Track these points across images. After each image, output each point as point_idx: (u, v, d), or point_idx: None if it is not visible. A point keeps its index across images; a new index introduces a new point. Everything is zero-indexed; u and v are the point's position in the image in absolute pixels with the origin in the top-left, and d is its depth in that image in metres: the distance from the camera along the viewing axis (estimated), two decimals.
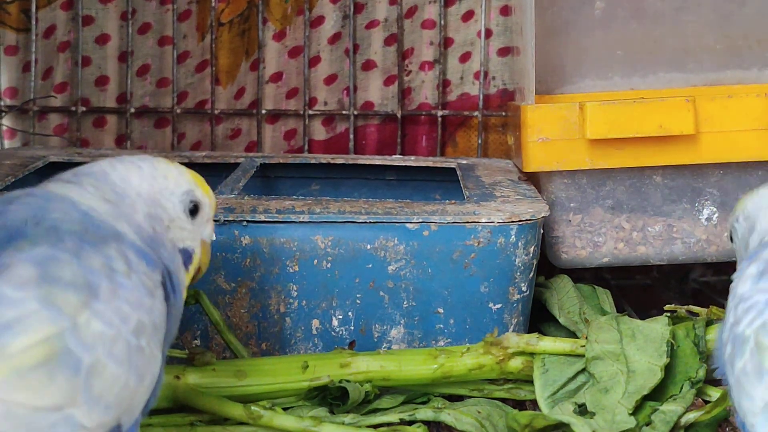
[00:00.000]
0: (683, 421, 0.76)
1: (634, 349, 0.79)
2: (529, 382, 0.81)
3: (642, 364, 0.78)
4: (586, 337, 0.82)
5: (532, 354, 0.81)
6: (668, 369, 0.79)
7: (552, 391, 0.79)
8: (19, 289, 0.54)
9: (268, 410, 0.75)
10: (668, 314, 0.82)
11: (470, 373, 0.80)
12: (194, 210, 0.68)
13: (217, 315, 0.81)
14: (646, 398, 0.77)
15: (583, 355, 0.80)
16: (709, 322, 0.82)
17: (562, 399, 0.78)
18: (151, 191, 0.66)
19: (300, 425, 0.74)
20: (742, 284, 0.64)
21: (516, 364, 0.81)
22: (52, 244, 0.57)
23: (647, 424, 0.76)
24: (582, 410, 0.77)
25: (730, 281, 0.65)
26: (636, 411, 0.76)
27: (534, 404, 0.81)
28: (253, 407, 0.75)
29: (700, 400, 0.80)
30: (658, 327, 0.81)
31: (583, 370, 0.80)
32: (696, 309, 0.85)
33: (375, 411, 0.80)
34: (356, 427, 0.76)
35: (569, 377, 0.80)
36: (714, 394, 0.79)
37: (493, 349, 0.80)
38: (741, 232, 0.70)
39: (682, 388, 0.78)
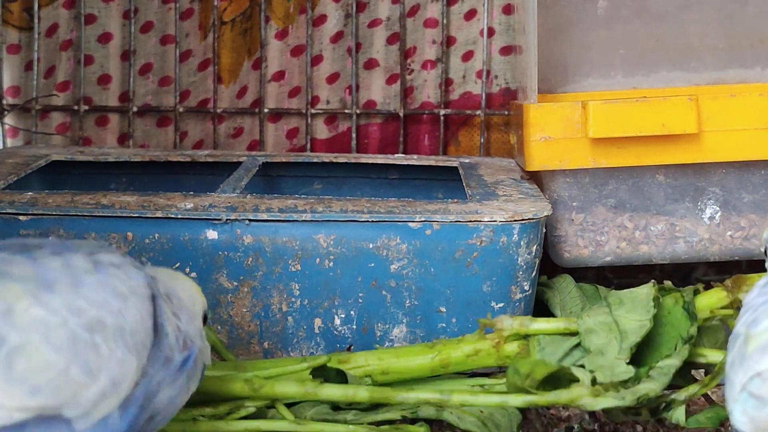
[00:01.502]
0: (683, 396, 0.76)
1: (623, 312, 0.80)
2: None
3: (632, 323, 0.79)
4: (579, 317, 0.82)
5: (527, 337, 0.81)
6: (660, 333, 0.79)
7: None
8: None
9: (268, 380, 0.75)
10: (654, 282, 0.83)
11: (468, 359, 0.81)
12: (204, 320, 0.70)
13: (213, 336, 0.81)
14: (641, 364, 0.77)
15: (576, 332, 0.80)
16: (696, 291, 0.83)
17: None
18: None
19: (302, 389, 0.74)
20: (750, 293, 0.65)
21: (512, 347, 0.81)
22: (14, 251, 0.59)
23: (647, 377, 0.76)
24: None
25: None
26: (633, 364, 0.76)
27: None
28: (254, 379, 0.74)
29: (702, 399, 0.80)
30: (643, 290, 0.82)
31: (578, 345, 0.80)
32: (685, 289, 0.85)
33: (376, 407, 0.80)
34: (356, 387, 0.76)
35: (566, 351, 0.80)
36: (709, 354, 0.79)
37: (489, 335, 0.81)
38: None
39: (676, 347, 0.78)
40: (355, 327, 0.86)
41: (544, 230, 0.88)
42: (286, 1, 1.19)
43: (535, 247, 0.86)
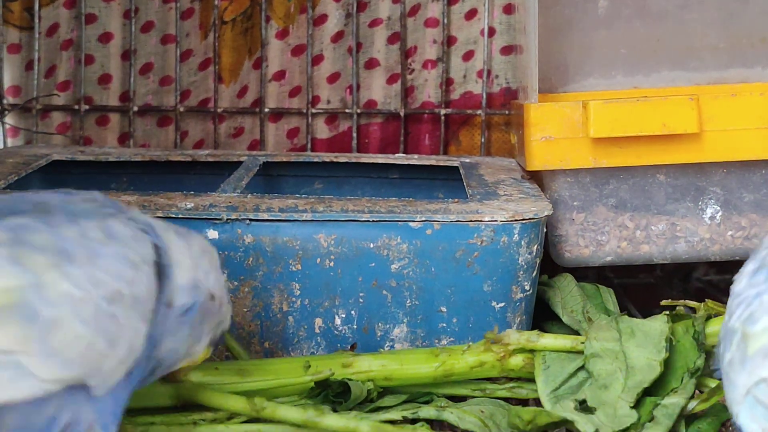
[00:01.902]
0: (685, 411, 0.76)
1: (633, 345, 0.79)
2: (531, 380, 0.81)
3: (641, 360, 0.78)
4: (586, 336, 0.82)
5: (532, 351, 0.81)
6: (668, 364, 0.79)
7: (554, 386, 0.79)
8: None
9: (271, 401, 0.75)
10: (667, 312, 0.82)
11: (472, 370, 0.80)
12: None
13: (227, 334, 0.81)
14: (648, 394, 0.77)
15: (583, 351, 0.80)
16: (708, 317, 0.82)
17: (565, 395, 0.78)
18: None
19: (304, 416, 0.74)
20: (738, 282, 0.64)
21: (517, 361, 0.81)
22: (34, 217, 0.60)
23: (650, 420, 0.76)
24: (583, 407, 0.77)
25: (733, 281, 0.66)
26: (637, 406, 0.76)
27: (536, 403, 0.81)
28: (256, 399, 0.75)
29: (697, 391, 0.80)
30: (657, 324, 0.81)
31: (584, 366, 0.80)
32: (692, 304, 0.85)
33: (377, 409, 0.80)
34: (359, 419, 0.76)
35: (570, 373, 0.80)
36: (713, 384, 0.79)
37: (494, 347, 0.80)
38: None
39: (682, 380, 0.78)
40: (355, 327, 0.86)
41: (545, 230, 0.88)
42: (286, 0, 1.19)
43: (535, 246, 0.86)
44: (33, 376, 0.56)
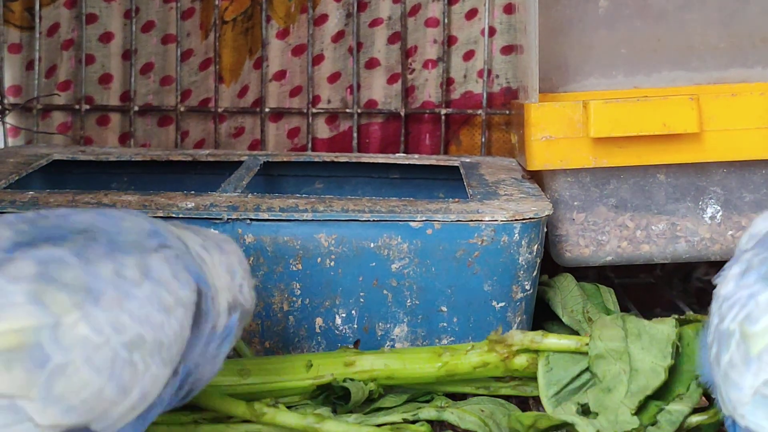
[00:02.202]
0: (687, 423, 0.76)
1: (639, 348, 0.79)
2: (535, 379, 0.81)
3: (645, 364, 0.78)
4: (590, 335, 0.81)
5: (536, 351, 0.81)
6: (675, 368, 0.78)
7: (556, 390, 0.79)
8: (10, 282, 0.55)
9: (271, 407, 0.75)
10: (676, 316, 0.81)
11: (475, 371, 0.80)
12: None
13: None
14: (651, 397, 0.77)
15: (587, 353, 0.79)
16: None
17: (566, 398, 0.78)
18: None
19: (303, 422, 0.74)
20: (725, 285, 0.64)
21: (521, 361, 0.80)
22: (70, 248, 0.58)
23: (652, 424, 0.75)
24: (585, 410, 0.77)
25: (714, 285, 0.65)
26: (640, 410, 0.76)
27: (539, 401, 0.81)
28: (256, 405, 0.75)
29: (703, 398, 0.80)
30: (664, 328, 0.80)
31: (588, 368, 0.80)
32: (703, 318, 0.84)
33: (378, 410, 0.80)
34: (359, 425, 0.76)
35: (573, 376, 0.79)
36: None
37: (498, 347, 0.80)
38: None
39: (689, 387, 0.78)
40: (356, 326, 0.86)
41: (545, 230, 0.88)
42: (287, 0, 1.19)
43: (536, 246, 0.86)
44: (31, 422, 0.54)
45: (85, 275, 0.57)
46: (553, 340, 0.80)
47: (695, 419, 0.76)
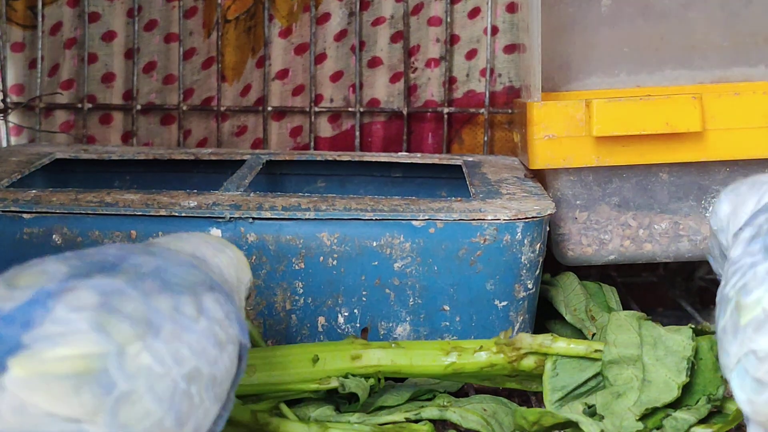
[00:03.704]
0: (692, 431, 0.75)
1: (654, 358, 0.77)
2: (541, 375, 0.80)
3: (659, 376, 0.77)
4: (594, 334, 0.81)
5: (545, 353, 0.80)
6: (688, 382, 0.77)
7: (560, 395, 0.78)
8: (73, 311, 0.56)
9: (274, 417, 0.75)
10: (692, 326, 0.80)
11: (482, 371, 0.80)
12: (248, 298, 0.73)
13: (249, 323, 0.81)
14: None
15: (596, 359, 0.79)
16: None
17: (570, 402, 0.78)
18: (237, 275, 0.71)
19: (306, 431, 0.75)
20: (735, 249, 0.65)
21: (528, 363, 0.80)
22: (127, 280, 0.59)
23: (657, 428, 0.75)
24: (591, 411, 0.76)
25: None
26: (647, 415, 0.75)
27: (541, 398, 0.80)
28: (258, 414, 0.75)
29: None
30: (680, 339, 0.78)
31: (595, 375, 0.79)
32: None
33: (381, 409, 0.80)
34: (361, 424, 0.76)
35: (579, 383, 0.79)
36: (731, 407, 0.77)
37: (506, 349, 0.79)
38: None
39: (698, 401, 0.77)
40: (358, 325, 0.86)
41: (548, 228, 0.88)
42: None
43: (538, 245, 0.86)
44: None
45: (146, 308, 0.58)
46: (563, 345, 0.79)
47: (700, 430, 0.75)
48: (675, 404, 0.77)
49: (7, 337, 0.54)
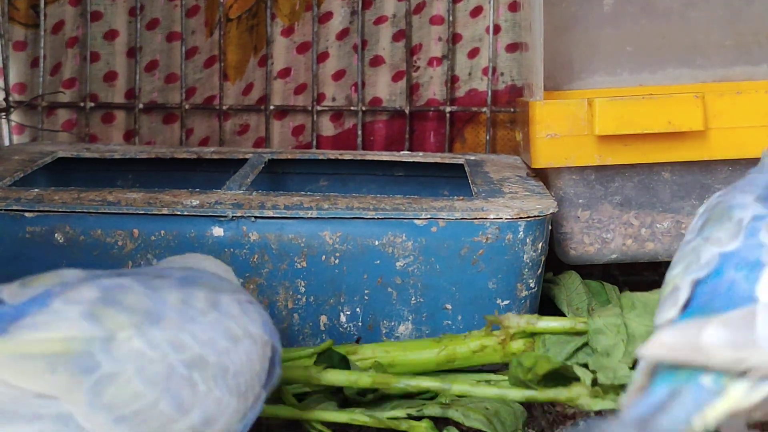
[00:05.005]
0: None
1: (633, 316, 0.81)
2: None
3: (640, 329, 0.80)
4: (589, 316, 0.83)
5: (533, 335, 0.82)
6: None
7: None
8: (68, 304, 0.57)
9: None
10: None
11: (474, 355, 0.82)
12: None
13: None
14: None
15: (582, 332, 0.81)
16: None
17: None
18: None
19: (306, 374, 0.76)
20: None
21: (518, 345, 0.82)
22: (137, 278, 0.60)
23: None
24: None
25: None
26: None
27: None
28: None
29: None
30: (655, 296, 0.83)
31: (582, 346, 0.81)
32: None
33: (381, 404, 0.80)
34: (366, 409, 0.76)
35: (569, 353, 0.81)
36: None
37: (495, 331, 0.82)
38: None
39: None
40: (360, 324, 0.86)
41: (550, 227, 0.88)
42: None
43: (540, 244, 0.86)
44: (79, 428, 0.55)
45: (148, 300, 0.59)
46: (549, 322, 0.82)
47: None
48: None
49: None
